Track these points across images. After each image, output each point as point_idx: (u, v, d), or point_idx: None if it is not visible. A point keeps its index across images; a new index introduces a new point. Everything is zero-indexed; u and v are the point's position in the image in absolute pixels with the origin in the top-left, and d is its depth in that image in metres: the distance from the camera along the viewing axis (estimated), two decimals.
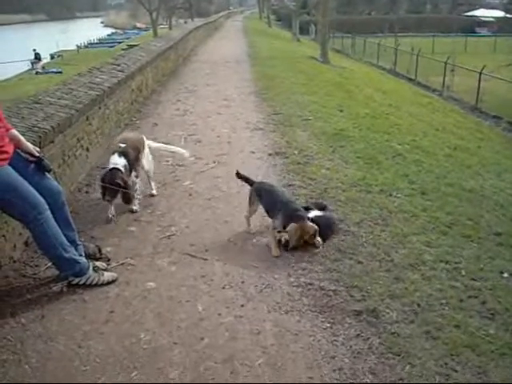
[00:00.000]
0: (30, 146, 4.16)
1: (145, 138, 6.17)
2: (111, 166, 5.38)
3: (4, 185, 3.81)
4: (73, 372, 3.35)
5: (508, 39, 38.71)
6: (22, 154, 4.08)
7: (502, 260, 4.89)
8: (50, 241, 4.04)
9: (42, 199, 3.98)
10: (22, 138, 4.14)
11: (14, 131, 4.11)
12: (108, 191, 5.31)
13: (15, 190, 3.87)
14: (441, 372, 3.35)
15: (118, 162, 5.40)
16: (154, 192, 6.15)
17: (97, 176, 6.60)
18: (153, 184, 6.18)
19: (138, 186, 5.79)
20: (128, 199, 5.52)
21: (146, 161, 6.03)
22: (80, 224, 5.07)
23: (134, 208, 5.69)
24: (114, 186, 5.27)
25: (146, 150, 6.06)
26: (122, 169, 5.38)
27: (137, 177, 5.80)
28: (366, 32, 46.81)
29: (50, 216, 4.03)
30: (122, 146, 5.59)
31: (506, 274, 4.61)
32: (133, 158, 5.63)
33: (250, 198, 5.28)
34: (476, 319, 3.90)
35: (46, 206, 3.99)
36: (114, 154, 5.50)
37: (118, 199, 5.48)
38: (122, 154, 5.48)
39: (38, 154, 4.15)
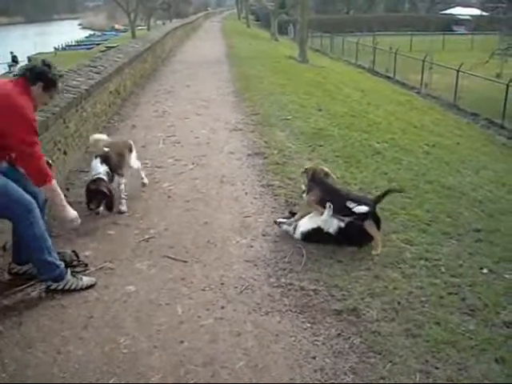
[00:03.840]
0: None
1: (132, 143, 6.37)
2: (95, 176, 5.48)
3: None
4: (52, 379, 3.30)
5: (485, 37, 38.96)
6: None
7: (481, 256, 4.92)
8: (37, 242, 4.00)
9: (32, 199, 3.97)
10: None
11: None
12: (93, 200, 5.39)
13: (8, 190, 3.87)
14: (422, 369, 3.36)
15: (101, 170, 5.51)
16: (145, 181, 6.41)
17: (75, 180, 6.55)
18: (143, 174, 6.43)
19: (123, 187, 5.83)
20: (111, 207, 5.57)
21: (134, 161, 6.23)
22: (58, 228, 5.01)
23: (122, 209, 5.73)
24: (100, 195, 5.38)
25: (134, 153, 6.24)
26: (105, 177, 5.48)
27: (122, 175, 5.86)
28: (344, 31, 46.84)
29: (39, 216, 4.01)
30: (106, 149, 5.72)
31: (485, 270, 4.64)
32: (115, 162, 5.71)
33: None
34: (456, 316, 3.92)
35: (36, 205, 3.98)
36: (96, 158, 5.63)
37: None
38: (104, 159, 5.60)
39: None
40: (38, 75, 4.02)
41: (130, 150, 6.19)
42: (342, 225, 4.90)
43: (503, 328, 3.81)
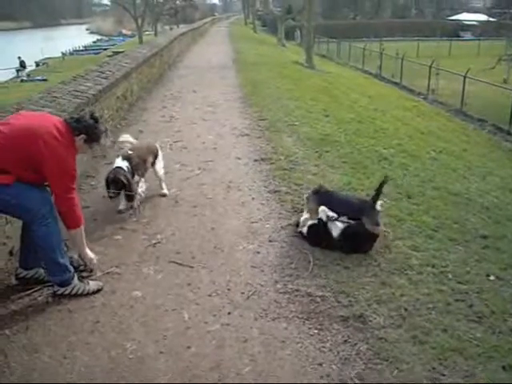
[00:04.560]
0: None
1: (158, 146, 6.52)
2: (115, 166, 5.68)
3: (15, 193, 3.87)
4: (58, 382, 3.31)
5: (491, 43, 38.96)
6: None
7: (488, 263, 4.91)
8: (51, 242, 4.03)
9: (52, 201, 4.04)
10: None
11: None
12: (111, 188, 5.54)
13: (29, 194, 3.92)
14: (429, 376, 3.36)
15: (121, 164, 5.68)
16: (166, 191, 6.41)
17: (82, 185, 6.57)
18: (163, 185, 6.44)
19: (141, 191, 5.98)
20: (131, 198, 5.72)
21: (159, 167, 6.38)
22: (65, 233, 5.01)
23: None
24: (118, 183, 5.53)
25: (160, 157, 6.39)
26: (125, 168, 5.66)
27: (141, 180, 6.03)
28: (351, 37, 46.90)
29: (58, 219, 4.06)
30: (129, 152, 5.89)
31: (492, 277, 4.64)
32: (136, 163, 5.84)
33: None
34: (463, 323, 3.92)
35: (53, 204, 4.04)
36: (118, 157, 5.85)
37: None
38: (126, 158, 5.78)
39: None
40: (83, 128, 4.19)
41: (156, 155, 6.32)
42: (344, 226, 4.95)
43: (511, 335, 3.80)
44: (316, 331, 3.79)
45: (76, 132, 4.15)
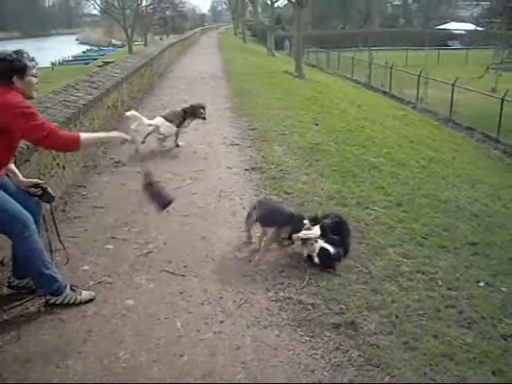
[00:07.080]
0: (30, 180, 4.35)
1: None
2: None
3: None
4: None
5: (479, 51, 39.26)
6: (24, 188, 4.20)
7: (477, 269, 4.96)
8: (33, 256, 4.00)
9: (28, 214, 3.97)
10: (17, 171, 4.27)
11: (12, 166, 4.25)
12: None
13: (5, 206, 3.86)
14: (420, 382, 3.39)
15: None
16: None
17: (73, 194, 6.58)
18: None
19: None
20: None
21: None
22: (56, 242, 5.00)
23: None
24: None
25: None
26: None
27: None
28: (340, 46, 47.17)
29: (36, 231, 4.02)
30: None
31: (481, 283, 4.68)
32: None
33: None
34: (453, 328, 3.95)
35: (32, 221, 3.99)
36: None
37: None
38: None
39: (41, 182, 4.33)
40: (6, 72, 3.86)
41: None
42: None
43: (500, 341, 3.85)
44: (308, 338, 3.82)
45: (8, 80, 3.86)
